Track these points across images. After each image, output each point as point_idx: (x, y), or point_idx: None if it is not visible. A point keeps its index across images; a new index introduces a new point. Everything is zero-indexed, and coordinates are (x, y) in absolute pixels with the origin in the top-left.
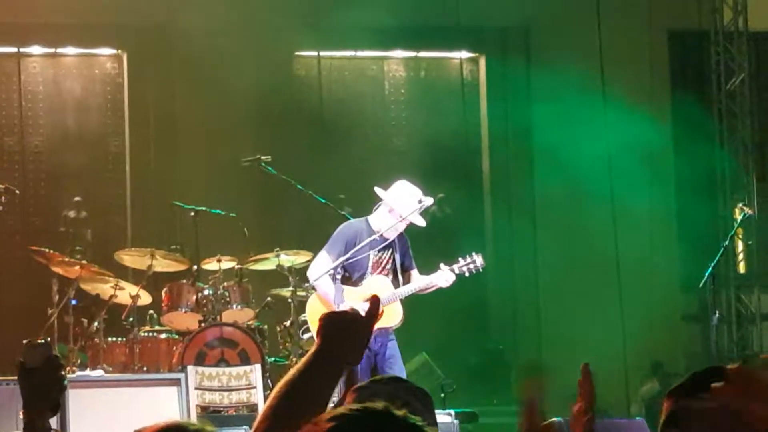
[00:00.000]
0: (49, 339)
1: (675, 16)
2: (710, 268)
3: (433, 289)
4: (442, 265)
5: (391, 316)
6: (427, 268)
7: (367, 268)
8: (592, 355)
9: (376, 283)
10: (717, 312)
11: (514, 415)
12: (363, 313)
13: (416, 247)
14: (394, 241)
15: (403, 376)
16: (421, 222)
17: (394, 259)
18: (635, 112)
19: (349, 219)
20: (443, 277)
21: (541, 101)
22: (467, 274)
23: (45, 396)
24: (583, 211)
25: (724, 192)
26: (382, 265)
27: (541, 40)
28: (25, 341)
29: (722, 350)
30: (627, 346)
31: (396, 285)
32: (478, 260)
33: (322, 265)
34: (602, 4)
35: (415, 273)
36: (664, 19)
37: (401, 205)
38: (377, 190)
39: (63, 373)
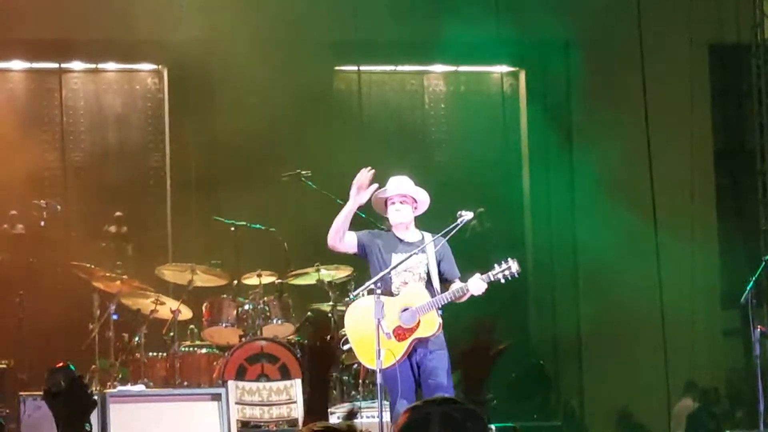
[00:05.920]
0: (70, 363)
1: (715, 30)
2: (751, 283)
3: (467, 297)
4: (478, 273)
5: (427, 326)
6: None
7: (389, 274)
8: (632, 370)
9: (414, 291)
10: (758, 327)
11: (554, 431)
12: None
13: (455, 261)
14: (424, 248)
15: (451, 388)
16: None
17: (427, 267)
18: (676, 124)
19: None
20: (475, 285)
21: (581, 114)
22: (503, 281)
23: (76, 417)
24: (623, 221)
25: (765, 205)
26: (409, 270)
27: (581, 53)
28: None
29: (765, 365)
30: (668, 361)
31: (432, 293)
32: (514, 266)
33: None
34: (643, 18)
35: (456, 283)
36: (704, 34)
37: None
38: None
39: (89, 391)
